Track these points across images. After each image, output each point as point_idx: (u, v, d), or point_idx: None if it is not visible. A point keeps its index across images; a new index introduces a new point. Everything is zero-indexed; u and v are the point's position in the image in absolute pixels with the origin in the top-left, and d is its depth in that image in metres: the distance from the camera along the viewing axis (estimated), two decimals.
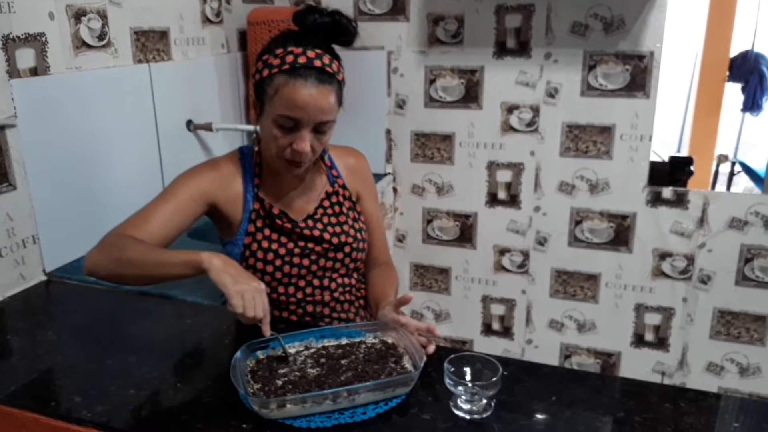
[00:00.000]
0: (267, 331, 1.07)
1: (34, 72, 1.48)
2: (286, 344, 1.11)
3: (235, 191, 1.29)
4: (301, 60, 1.15)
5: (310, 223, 1.32)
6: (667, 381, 2.42)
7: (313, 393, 0.98)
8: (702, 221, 2.22)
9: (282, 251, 1.28)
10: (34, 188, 1.50)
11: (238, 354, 1.04)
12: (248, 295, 1.04)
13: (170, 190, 1.25)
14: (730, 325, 2.30)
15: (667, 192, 2.24)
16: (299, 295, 1.32)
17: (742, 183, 4.45)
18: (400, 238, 2.63)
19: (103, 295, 1.48)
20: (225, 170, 1.30)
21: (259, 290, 1.06)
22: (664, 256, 2.30)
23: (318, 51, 1.17)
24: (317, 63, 1.16)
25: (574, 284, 2.44)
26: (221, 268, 1.06)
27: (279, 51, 1.18)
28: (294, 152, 1.19)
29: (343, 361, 1.09)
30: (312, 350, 1.13)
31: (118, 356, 1.16)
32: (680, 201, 2.23)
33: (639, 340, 2.43)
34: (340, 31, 1.22)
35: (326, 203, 1.36)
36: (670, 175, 2.33)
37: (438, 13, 2.31)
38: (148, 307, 1.42)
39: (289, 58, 1.15)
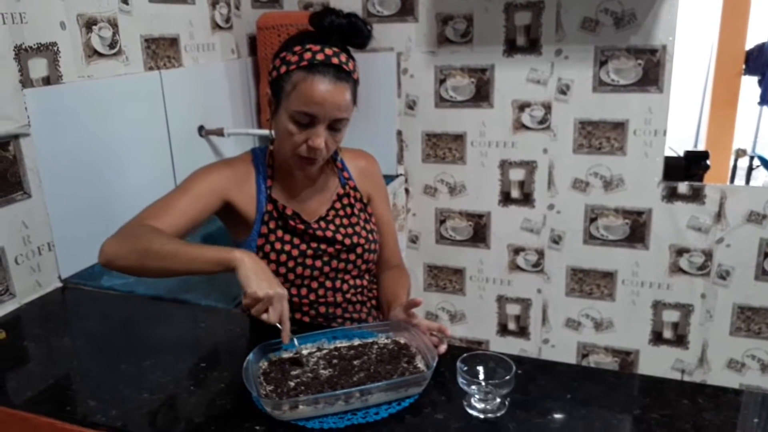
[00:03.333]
0: (286, 338, 1.07)
1: (46, 81, 1.50)
2: (299, 345, 1.11)
3: (249, 191, 1.30)
4: (320, 57, 1.17)
5: (323, 224, 1.32)
6: (687, 379, 2.39)
7: (325, 394, 0.97)
8: (719, 216, 2.19)
9: (295, 252, 1.28)
10: (49, 196, 1.52)
11: (250, 356, 1.04)
12: (266, 299, 1.04)
13: (186, 183, 1.26)
14: (750, 320, 2.26)
15: (683, 187, 2.21)
16: (311, 297, 1.32)
17: (762, 177, 4.37)
18: (413, 239, 2.62)
19: (118, 301, 1.50)
20: (240, 169, 1.31)
21: (279, 296, 1.06)
22: (681, 252, 2.27)
23: (335, 49, 1.19)
24: (335, 60, 1.17)
25: (590, 282, 2.42)
26: (251, 267, 1.07)
27: (297, 48, 1.19)
28: (309, 149, 1.20)
29: (355, 362, 1.08)
30: (324, 351, 1.13)
31: (133, 361, 1.17)
32: (696, 196, 2.20)
33: (657, 338, 2.40)
34: (355, 33, 1.23)
35: (338, 205, 1.36)
36: (686, 170, 2.31)
37: (447, 12, 2.31)
38: (163, 311, 1.43)
39: (308, 55, 1.17)
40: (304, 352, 1.12)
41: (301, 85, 1.16)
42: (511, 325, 2.59)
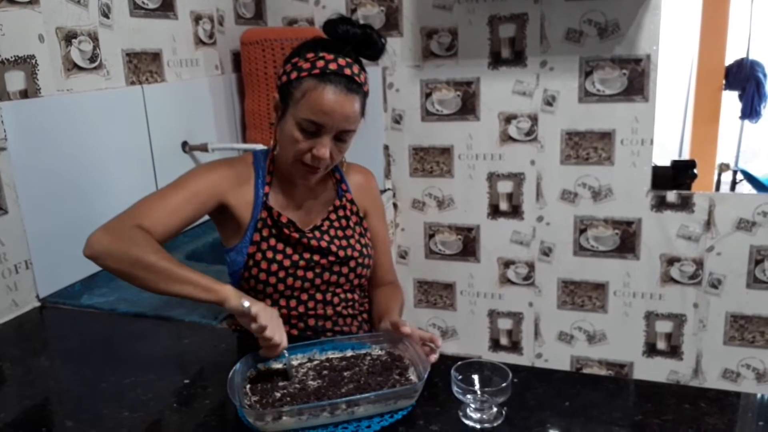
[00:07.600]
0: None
1: (24, 94, 1.46)
2: (289, 356, 1.07)
3: (246, 195, 1.27)
4: (332, 66, 1.15)
5: (317, 234, 1.29)
6: None
7: (309, 404, 0.93)
8: (709, 224, 2.18)
9: (287, 263, 1.25)
10: (26, 212, 1.47)
11: (237, 365, 1.00)
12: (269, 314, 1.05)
13: (185, 180, 1.23)
14: (743, 329, 2.24)
15: (671, 196, 2.20)
16: (301, 309, 1.28)
17: (745, 192, 4.39)
18: (403, 254, 2.59)
19: (98, 319, 1.45)
20: (241, 171, 1.28)
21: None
22: (672, 261, 2.26)
23: (348, 60, 1.18)
24: (347, 71, 1.16)
25: (581, 294, 2.40)
26: (241, 295, 1.06)
27: (310, 55, 1.17)
28: (313, 158, 1.18)
29: (345, 373, 1.05)
30: (315, 362, 1.09)
31: (112, 379, 1.12)
32: (685, 204, 2.19)
33: (651, 349, 2.37)
34: (369, 45, 1.21)
35: (333, 216, 1.33)
36: (674, 179, 2.30)
37: (431, 26, 2.31)
38: (145, 329, 1.38)
39: (320, 63, 1.15)
40: (294, 363, 1.08)
41: (312, 93, 1.14)
42: (504, 340, 2.56)
